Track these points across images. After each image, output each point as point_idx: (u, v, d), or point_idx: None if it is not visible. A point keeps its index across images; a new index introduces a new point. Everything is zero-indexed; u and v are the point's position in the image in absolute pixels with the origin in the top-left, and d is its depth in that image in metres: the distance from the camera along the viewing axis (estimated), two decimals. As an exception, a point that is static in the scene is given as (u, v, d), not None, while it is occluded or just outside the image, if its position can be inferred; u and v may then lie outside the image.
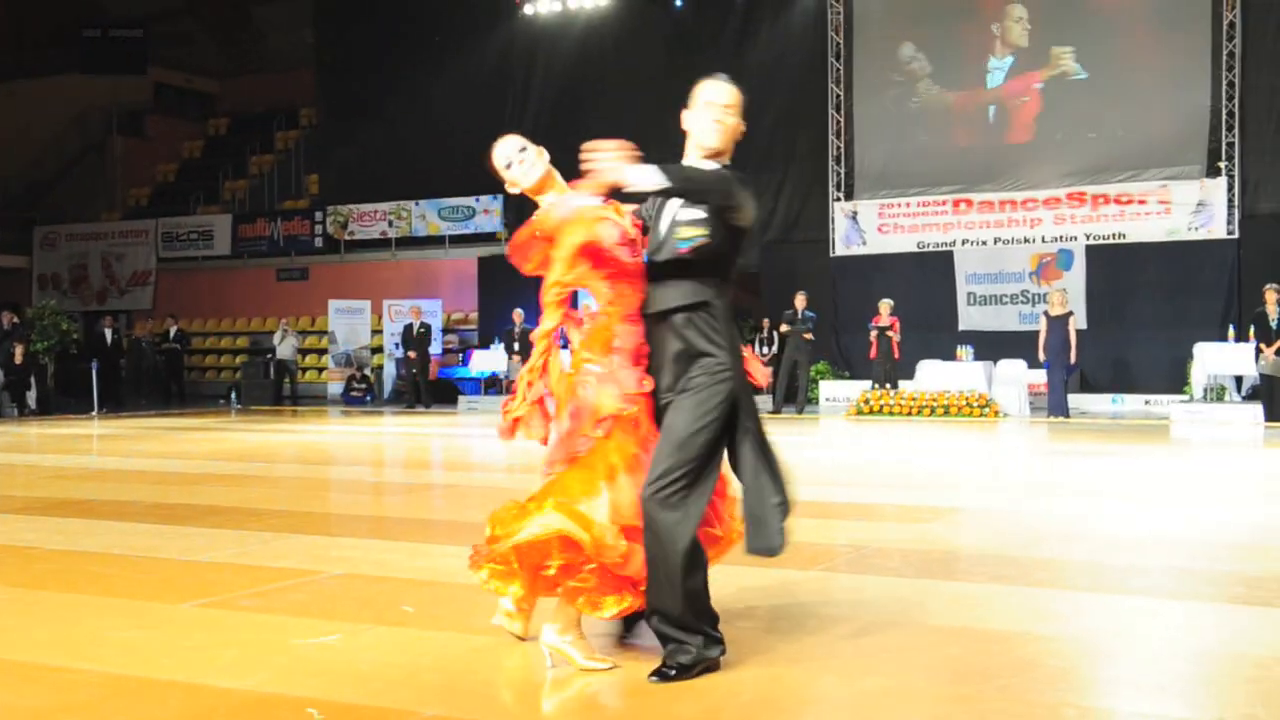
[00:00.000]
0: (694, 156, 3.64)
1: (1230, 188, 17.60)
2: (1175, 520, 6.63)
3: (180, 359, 23.89)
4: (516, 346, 19.37)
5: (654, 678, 3.40)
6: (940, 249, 19.01)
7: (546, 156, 3.71)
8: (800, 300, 17.28)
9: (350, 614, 4.32)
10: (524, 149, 3.70)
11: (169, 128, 29.99)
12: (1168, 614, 4.31)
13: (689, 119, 3.65)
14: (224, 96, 31.24)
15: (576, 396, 3.57)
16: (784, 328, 17.37)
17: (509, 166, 3.70)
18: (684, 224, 3.51)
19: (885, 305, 17.02)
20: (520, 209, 22.70)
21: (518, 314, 19.61)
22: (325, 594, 4.71)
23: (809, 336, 17.05)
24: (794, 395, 17.31)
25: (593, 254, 3.49)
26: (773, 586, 4.70)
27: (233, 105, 30.66)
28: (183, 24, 30.37)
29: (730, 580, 4.75)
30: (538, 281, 3.81)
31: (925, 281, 18.92)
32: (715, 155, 3.62)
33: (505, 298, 21.30)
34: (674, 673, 3.40)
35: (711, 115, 3.61)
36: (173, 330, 23.69)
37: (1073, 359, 15.69)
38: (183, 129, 30.23)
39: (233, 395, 21.99)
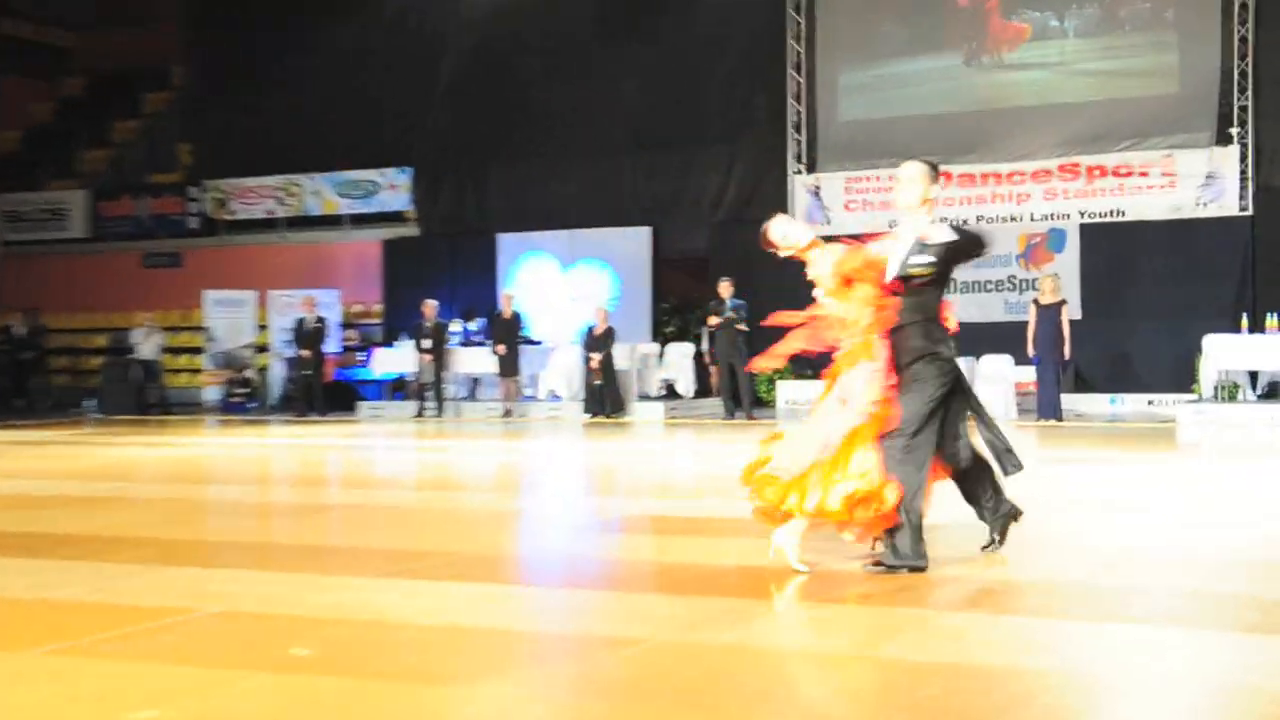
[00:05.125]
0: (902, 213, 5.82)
1: (1243, 158, 17.93)
2: (1181, 536, 6.73)
3: (33, 361, 23.57)
4: (429, 344, 19.31)
5: (870, 567, 5.48)
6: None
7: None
8: (725, 288, 17.39)
9: (230, 659, 4.27)
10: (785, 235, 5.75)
11: (12, 87, 29.39)
12: (1172, 644, 4.37)
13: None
14: (80, 51, 30.66)
15: (844, 388, 5.57)
16: (713, 320, 17.47)
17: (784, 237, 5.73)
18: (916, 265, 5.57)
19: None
20: (431, 185, 22.71)
21: (429, 305, 19.55)
22: (200, 636, 4.65)
23: (743, 328, 17.14)
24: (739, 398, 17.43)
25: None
26: (720, 615, 4.71)
27: (90, 62, 30.10)
28: (30, -35, 29.82)
29: (676, 612, 4.78)
30: (449, 270, 3.95)
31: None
32: (914, 209, 5.65)
33: (414, 287, 21.28)
34: (882, 569, 5.44)
35: (897, 186, 5.76)
36: (16, 327, 23.40)
37: (1065, 353, 15.91)
38: (29, 89, 29.63)
39: (90, 402, 21.75)
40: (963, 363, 19.21)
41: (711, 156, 20.85)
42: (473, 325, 20.73)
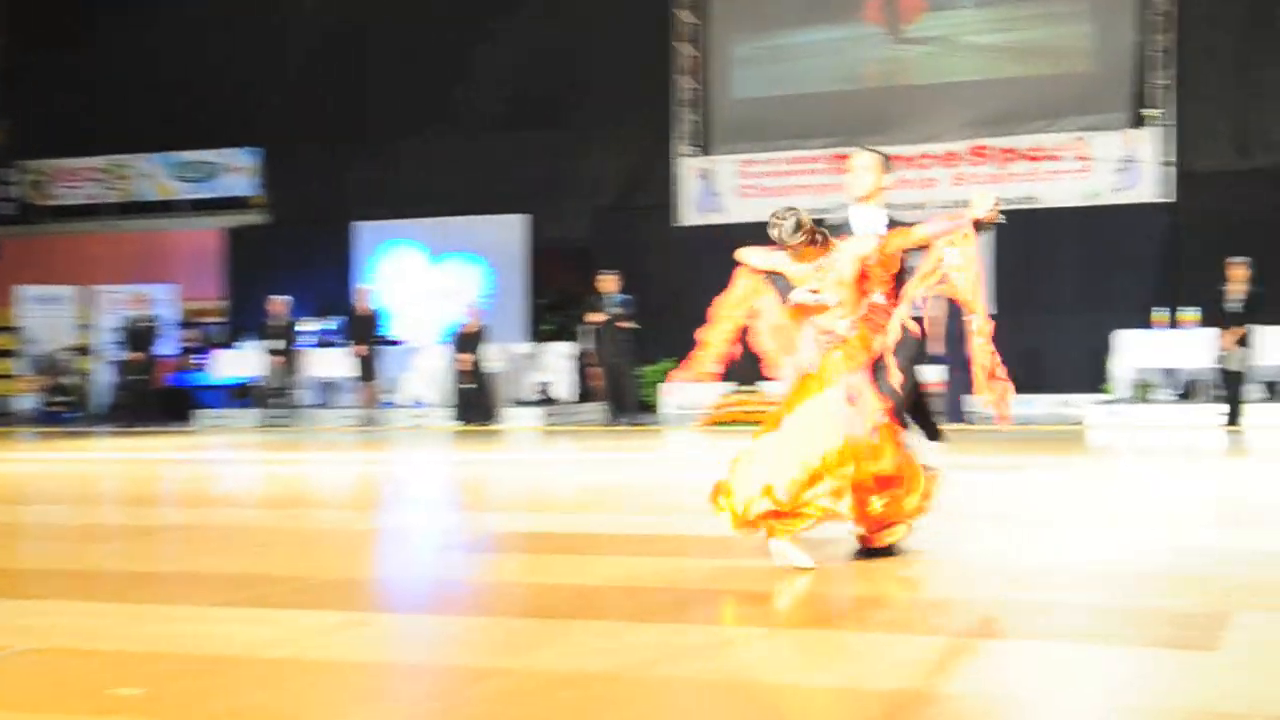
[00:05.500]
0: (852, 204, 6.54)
1: (1161, 140, 18.44)
2: (1092, 548, 6.87)
3: None
4: (278, 345, 19.09)
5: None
6: (814, 218, 19.37)
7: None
8: (609, 282, 17.42)
9: (45, 702, 4.18)
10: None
11: None
12: (1084, 662, 4.47)
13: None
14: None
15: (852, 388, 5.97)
16: (595, 317, 17.50)
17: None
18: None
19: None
20: (280, 168, 22.46)
21: (278, 302, 19.33)
22: (9, 677, 4.53)
23: (629, 325, 17.21)
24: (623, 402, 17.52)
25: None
26: (597, 642, 4.72)
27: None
28: None
29: (550, 639, 4.78)
30: (301, 262, 3.92)
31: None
32: (866, 199, 6.47)
33: (261, 281, 21.02)
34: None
35: (850, 174, 6.52)
36: None
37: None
38: None
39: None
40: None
41: (594, 137, 20.89)
42: (328, 324, 20.54)
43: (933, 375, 16.80)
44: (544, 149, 20.87)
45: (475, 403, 18.21)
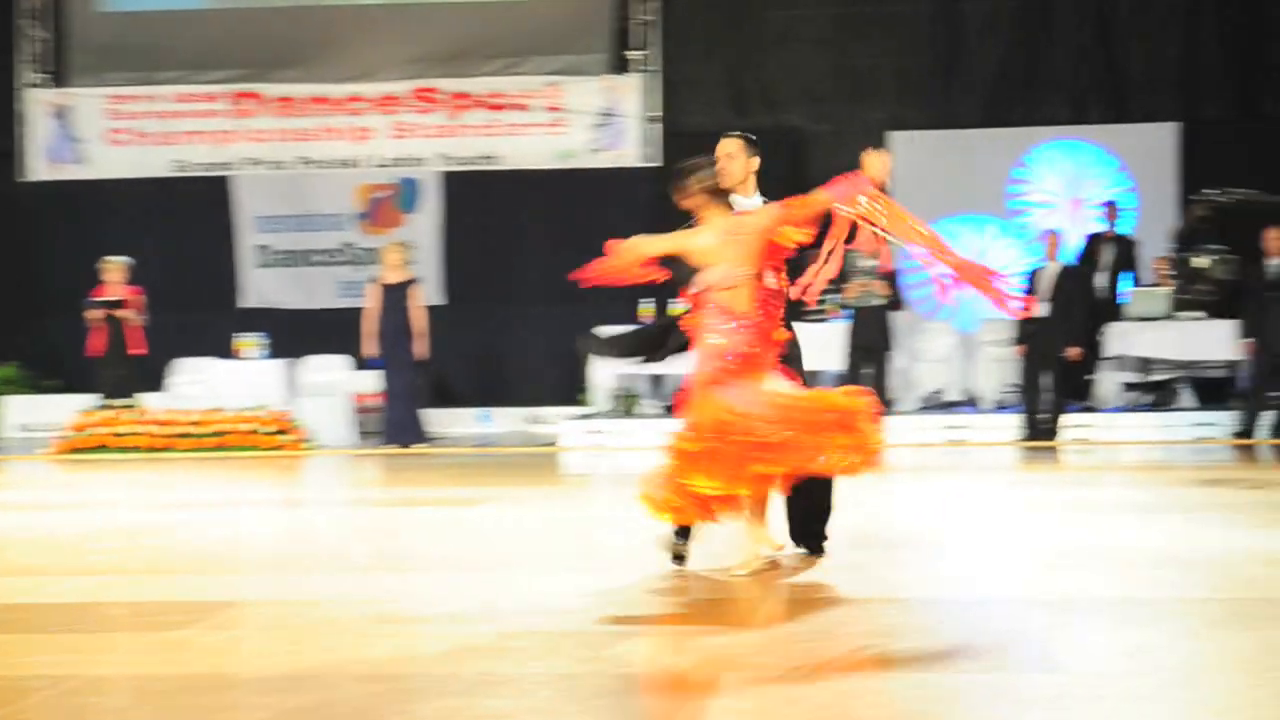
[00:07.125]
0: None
1: (646, 91, 19.39)
2: (555, 596, 7.21)
3: None
4: None
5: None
6: (211, 173, 19.25)
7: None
8: None
9: None
10: None
11: None
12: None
13: None
14: None
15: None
16: None
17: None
18: None
19: (117, 267, 16.91)
20: None
21: None
22: None
23: None
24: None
25: None
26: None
27: None
28: None
29: None
30: None
31: (186, 226, 19.10)
32: (740, 186, 8.03)
33: None
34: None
35: (719, 164, 7.90)
36: None
37: (418, 352, 16.41)
38: None
39: None
40: (274, 368, 19.56)
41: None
42: None
43: (369, 384, 17.02)
44: None
45: None
